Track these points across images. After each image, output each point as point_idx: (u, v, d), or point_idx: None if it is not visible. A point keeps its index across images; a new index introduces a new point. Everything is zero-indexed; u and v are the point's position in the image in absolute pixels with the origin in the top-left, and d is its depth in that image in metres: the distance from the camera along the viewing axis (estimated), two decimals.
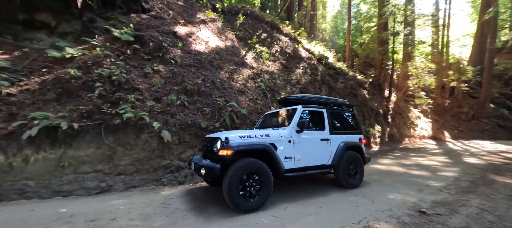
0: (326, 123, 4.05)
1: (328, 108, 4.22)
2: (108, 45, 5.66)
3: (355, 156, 4.19)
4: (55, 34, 6.04)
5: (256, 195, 3.00)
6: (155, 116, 4.81)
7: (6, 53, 4.95)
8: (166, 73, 5.73)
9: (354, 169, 4.20)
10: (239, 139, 3.13)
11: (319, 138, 3.89)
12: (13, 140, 3.70)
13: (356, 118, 4.66)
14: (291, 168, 3.45)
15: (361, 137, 4.51)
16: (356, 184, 4.14)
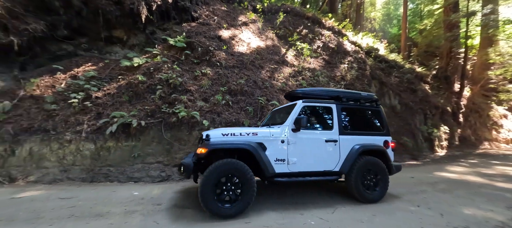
0: (335, 120, 3.37)
1: (340, 104, 3.51)
2: (166, 52, 6.46)
3: (375, 162, 3.36)
4: (126, 46, 7.26)
5: (236, 200, 2.67)
6: (204, 115, 5.25)
7: (94, 65, 6.21)
8: (212, 75, 6.18)
9: (372, 178, 3.36)
10: (221, 136, 2.91)
11: (323, 139, 3.25)
12: (100, 134, 4.64)
13: (382, 116, 3.77)
14: (283, 172, 3.00)
15: (388, 139, 3.64)
16: (374, 199, 3.28)
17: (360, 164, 3.25)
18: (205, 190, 2.53)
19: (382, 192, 3.36)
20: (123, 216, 2.65)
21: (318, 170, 3.19)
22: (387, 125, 3.76)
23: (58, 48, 6.24)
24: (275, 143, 3.03)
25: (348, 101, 3.67)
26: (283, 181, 2.98)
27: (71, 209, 2.79)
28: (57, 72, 5.58)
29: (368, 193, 3.27)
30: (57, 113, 4.74)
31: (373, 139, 3.53)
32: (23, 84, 5.13)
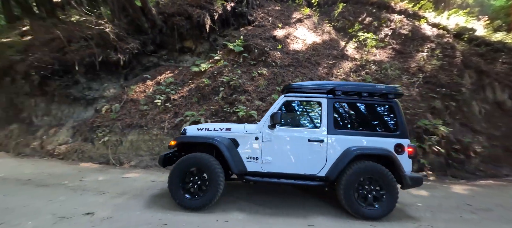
0: (324, 117, 2.88)
1: (333, 98, 2.95)
2: (226, 57, 7.05)
3: (378, 170, 2.65)
4: (195, 54, 8.33)
5: (200, 193, 2.66)
6: (261, 113, 5.44)
7: (171, 72, 7.41)
8: (268, 75, 6.33)
9: (372, 190, 2.69)
10: (196, 131, 2.97)
11: (306, 138, 2.83)
12: (177, 129, 5.51)
13: (397, 113, 2.90)
14: (256, 171, 2.80)
15: (404, 142, 2.79)
16: (372, 215, 2.63)
17: (355, 170, 2.64)
18: (171, 180, 2.68)
19: (385, 208, 2.64)
20: None
21: (298, 173, 2.82)
22: (403, 125, 2.88)
23: (147, 61, 7.78)
24: (248, 139, 2.90)
25: (350, 95, 2.99)
26: (254, 180, 2.80)
27: (161, 190, 3.45)
28: (146, 80, 6.98)
29: (363, 207, 2.64)
30: (148, 112, 5.93)
31: (380, 141, 2.80)
32: (126, 91, 6.67)
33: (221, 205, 2.87)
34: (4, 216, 2.33)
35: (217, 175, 2.66)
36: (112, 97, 6.72)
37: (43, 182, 3.63)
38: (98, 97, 6.89)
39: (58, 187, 3.40)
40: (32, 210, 2.52)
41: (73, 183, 3.63)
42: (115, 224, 2.28)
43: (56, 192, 3.14)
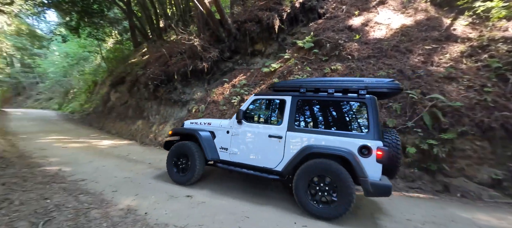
0: (286, 115, 3.01)
1: (297, 96, 3.00)
2: (296, 55, 6.96)
3: (332, 170, 2.54)
4: (264, 56, 8.71)
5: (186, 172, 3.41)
6: None
7: (244, 75, 8.05)
8: (343, 70, 5.77)
9: (325, 189, 2.60)
10: (189, 124, 3.79)
11: (267, 134, 3.04)
12: None
13: (369, 114, 2.58)
14: (225, 159, 3.35)
15: (373, 144, 2.47)
16: (323, 214, 2.56)
17: (306, 168, 2.69)
18: (167, 160, 3.62)
19: (336, 209, 2.55)
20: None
21: (258, 165, 3.07)
22: (376, 125, 2.58)
23: (224, 66, 8.80)
24: (222, 132, 3.41)
25: (313, 92, 2.94)
26: (223, 167, 3.30)
27: (243, 183, 3.83)
28: (224, 83, 7.89)
29: (313, 205, 2.65)
30: (226, 112, 6.70)
31: (343, 141, 2.65)
32: (209, 94, 7.79)
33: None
34: (137, 190, 3.21)
35: (195, 159, 3.35)
36: (199, 99, 8.03)
37: (159, 166, 4.79)
38: (189, 99, 8.41)
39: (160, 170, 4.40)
40: (153, 187, 3.37)
41: None
42: (208, 209, 2.69)
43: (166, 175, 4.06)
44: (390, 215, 2.83)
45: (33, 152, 4.88)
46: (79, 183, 3.16)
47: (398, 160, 2.68)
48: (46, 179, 3.11)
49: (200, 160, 3.36)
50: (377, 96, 2.81)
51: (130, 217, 2.24)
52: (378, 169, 2.50)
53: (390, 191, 2.44)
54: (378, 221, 2.67)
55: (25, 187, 2.61)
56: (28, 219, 1.89)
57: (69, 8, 14.21)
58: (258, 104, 3.48)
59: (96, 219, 2.12)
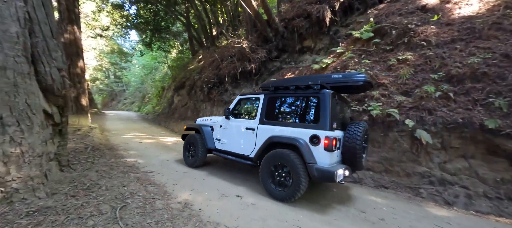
0: (259, 110, 3.54)
1: (268, 93, 3.53)
2: (351, 47, 6.21)
3: (286, 157, 2.90)
4: (314, 52, 8.19)
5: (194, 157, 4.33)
6: (406, 112, 4.17)
7: (292, 73, 7.76)
8: (415, 60, 4.76)
9: (282, 175, 2.99)
10: (199, 121, 4.76)
11: (245, 126, 3.65)
12: None
13: (321, 105, 2.87)
14: (218, 148, 4.08)
15: (321, 134, 2.76)
16: (280, 197, 2.96)
17: (268, 156, 3.11)
18: (183, 149, 4.62)
19: (289, 192, 2.88)
20: None
21: (239, 153, 3.68)
22: (326, 116, 2.80)
23: (272, 66, 8.74)
24: (217, 126, 4.17)
25: (279, 89, 3.43)
26: (217, 154, 4.05)
27: None
28: None
29: (272, 188, 3.06)
30: None
31: (299, 131, 2.97)
32: None
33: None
34: (193, 184, 3.45)
35: (199, 148, 4.23)
36: None
37: (210, 161, 5.11)
38: None
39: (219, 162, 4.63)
40: (207, 183, 3.55)
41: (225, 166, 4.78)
42: (258, 212, 2.62)
43: (217, 172, 4.25)
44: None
45: (119, 146, 6.03)
46: (149, 174, 3.65)
47: (356, 151, 2.87)
48: (126, 169, 3.73)
49: (202, 148, 4.22)
50: (344, 90, 3.31)
51: (186, 212, 2.39)
52: (326, 156, 2.72)
53: (332, 177, 2.59)
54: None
55: (111, 175, 3.19)
56: (109, 203, 2.26)
57: (144, 27, 17.24)
58: (242, 103, 4.08)
59: (159, 210, 2.35)
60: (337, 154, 2.96)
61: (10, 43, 2.13)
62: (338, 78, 3.14)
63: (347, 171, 2.87)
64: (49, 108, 2.44)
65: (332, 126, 2.81)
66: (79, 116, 10.35)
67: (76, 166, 3.22)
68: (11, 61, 2.10)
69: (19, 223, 1.67)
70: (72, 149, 4.38)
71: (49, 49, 2.47)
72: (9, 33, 2.13)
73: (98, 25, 20.86)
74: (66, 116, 2.82)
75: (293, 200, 2.88)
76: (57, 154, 2.68)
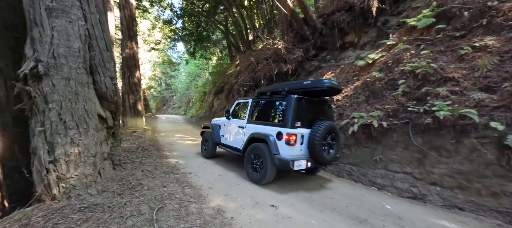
0: (248, 112, 4.36)
1: (254, 98, 4.36)
2: (405, 38, 5.30)
3: (260, 149, 3.68)
4: (357, 48, 7.36)
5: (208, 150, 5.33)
6: (489, 113, 3.23)
7: (332, 72, 7.13)
8: (500, 46, 3.68)
9: (257, 162, 3.76)
10: (212, 121, 5.72)
11: (238, 125, 4.50)
12: (342, 133, 5.05)
13: (287, 107, 3.53)
14: (223, 142, 5.00)
15: (282, 130, 3.45)
16: (255, 180, 3.72)
17: (250, 148, 3.90)
18: (201, 144, 5.79)
19: (260, 176, 3.61)
20: None
21: (235, 146, 4.48)
22: (289, 117, 3.46)
23: (309, 66, 8.26)
24: (222, 125, 5.12)
25: (265, 95, 4.17)
26: (221, 147, 5.05)
27: (331, 200, 3.21)
28: None
29: (251, 172, 3.81)
30: None
31: (270, 129, 3.67)
32: None
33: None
34: (227, 189, 3.40)
35: (210, 142, 5.25)
36: None
37: None
38: None
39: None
40: (241, 189, 3.46)
41: None
42: (294, 227, 2.35)
43: None
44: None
45: (165, 146, 6.59)
46: (187, 176, 3.79)
47: (314, 146, 3.36)
48: (168, 169, 3.97)
49: (212, 142, 5.17)
50: (315, 95, 3.87)
51: (218, 219, 2.32)
52: (287, 149, 3.34)
53: (289, 166, 3.18)
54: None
55: (154, 175, 3.43)
56: (149, 204, 2.37)
57: (189, 38, 18.88)
58: (239, 106, 4.84)
59: (193, 214, 2.35)
60: (301, 148, 3.53)
61: (73, 57, 2.47)
62: (308, 84, 3.64)
63: (309, 162, 3.41)
64: (104, 113, 2.76)
65: (294, 125, 3.43)
66: (136, 119, 11.86)
67: (126, 165, 3.59)
68: (74, 73, 2.44)
69: (72, 218, 1.88)
70: (127, 149, 4.96)
71: (103, 60, 2.81)
72: (73, 49, 2.48)
73: (152, 40, 23.90)
74: (118, 120, 3.16)
75: (262, 183, 3.59)
76: (111, 154, 3.01)
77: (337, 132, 3.73)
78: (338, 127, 3.79)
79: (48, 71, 2.29)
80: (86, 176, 2.32)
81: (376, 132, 4.33)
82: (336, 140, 3.72)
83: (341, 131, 5.11)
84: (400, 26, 5.98)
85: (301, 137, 3.48)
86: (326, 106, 4.08)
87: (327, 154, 3.55)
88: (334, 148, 3.68)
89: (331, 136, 3.67)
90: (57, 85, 2.29)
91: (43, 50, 2.31)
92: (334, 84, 3.61)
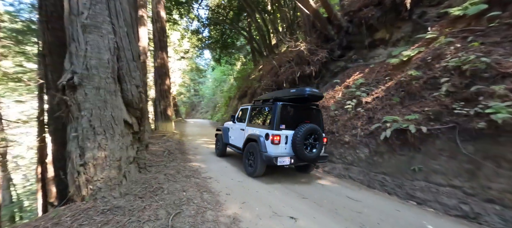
0: (247, 116, 5.16)
1: (252, 105, 5.18)
2: (448, 30, 4.64)
3: (254, 147, 4.36)
4: (389, 45, 6.71)
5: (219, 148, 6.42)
6: None
7: (361, 73, 6.61)
8: None
9: (251, 159, 4.45)
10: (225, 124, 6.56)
11: (240, 128, 5.31)
12: (372, 138, 4.59)
13: (274, 113, 4.21)
14: (230, 143, 5.81)
15: (269, 132, 4.12)
16: (249, 173, 4.44)
17: (247, 147, 4.62)
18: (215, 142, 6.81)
19: (254, 171, 4.29)
20: None
21: (238, 146, 5.22)
22: (274, 120, 4.12)
23: (335, 67, 7.81)
24: (230, 128, 5.93)
25: (259, 102, 5.04)
26: (229, 147, 5.88)
27: (359, 215, 2.87)
28: (335, 85, 6.92)
29: (247, 167, 4.55)
30: (338, 118, 5.74)
31: (262, 131, 4.35)
32: None
33: None
34: (245, 196, 3.31)
35: (220, 142, 6.20)
36: None
37: (268, 174, 4.91)
38: None
39: (276, 182, 4.34)
40: (259, 197, 3.34)
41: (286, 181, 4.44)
42: None
43: (272, 186, 3.98)
44: None
45: (190, 150, 6.84)
46: (207, 181, 3.82)
47: (295, 145, 3.97)
48: (190, 173, 4.07)
49: (222, 143, 6.05)
50: (300, 101, 4.49)
51: None
52: (272, 147, 4.05)
53: (273, 161, 3.86)
54: None
55: (176, 178, 3.53)
56: (166, 209, 2.42)
57: (215, 46, 19.69)
58: (242, 111, 5.61)
59: (208, 222, 2.31)
60: (286, 147, 4.13)
61: (103, 68, 2.70)
62: (293, 93, 4.28)
63: (292, 159, 3.98)
64: (130, 119, 2.95)
65: (279, 127, 4.09)
66: (166, 123, 12.63)
67: (151, 168, 3.78)
68: (103, 82, 2.65)
69: (94, 219, 2.00)
70: (154, 152, 5.26)
71: (130, 70, 3.01)
72: (103, 61, 2.71)
73: (181, 50, 25.56)
74: (144, 125, 3.35)
75: (254, 175, 4.30)
76: (136, 158, 3.19)
77: (319, 133, 4.18)
78: (320, 129, 4.23)
79: (82, 81, 2.52)
80: (111, 179, 2.48)
81: (413, 137, 3.81)
82: (319, 140, 4.19)
83: (371, 137, 4.65)
84: (441, 18, 5.28)
85: (286, 137, 4.10)
86: (314, 111, 4.66)
87: (309, 152, 4.06)
88: (317, 147, 4.17)
89: (313, 136, 4.16)
90: (88, 94, 2.51)
91: (78, 63, 2.57)
92: (314, 92, 4.23)
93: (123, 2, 3.12)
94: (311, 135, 4.10)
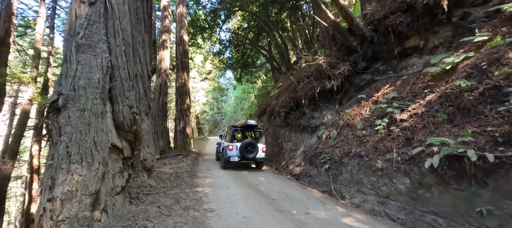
0: (224, 135, 9.30)
1: (233, 128, 8.26)
2: (503, 31, 3.69)
3: (222, 152, 7.89)
4: (425, 53, 5.79)
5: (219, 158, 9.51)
6: None
7: (391, 86, 5.72)
8: None
9: (221, 158, 7.62)
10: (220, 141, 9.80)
11: (222, 142, 8.65)
12: (414, 165, 3.64)
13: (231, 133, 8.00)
14: (219, 152, 8.81)
15: (229, 144, 7.55)
16: (221, 166, 7.88)
17: (220, 152, 8.44)
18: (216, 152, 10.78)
19: (222, 164, 7.74)
20: None
21: (219, 153, 8.67)
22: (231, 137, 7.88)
23: (360, 80, 6.99)
24: (221, 144, 8.84)
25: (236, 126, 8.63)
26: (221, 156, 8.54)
27: None
28: (361, 101, 6.08)
29: (220, 162, 8.28)
30: (367, 139, 4.86)
31: (226, 143, 7.78)
32: (341, 116, 6.35)
33: None
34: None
35: (218, 153, 9.61)
36: (330, 123, 6.81)
37: (281, 203, 4.21)
38: (319, 124, 7.46)
39: (288, 215, 3.62)
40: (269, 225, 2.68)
41: (299, 215, 3.67)
42: None
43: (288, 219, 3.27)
44: None
45: (201, 171, 6.46)
46: (207, 215, 3.28)
47: (239, 150, 7.35)
48: (190, 204, 3.60)
49: (216, 153, 9.60)
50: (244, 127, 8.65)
51: None
52: (229, 151, 7.40)
53: (229, 160, 7.37)
54: None
55: (171, 211, 3.08)
56: None
57: (236, 65, 20.15)
58: (226, 131, 9.28)
59: None
60: (236, 152, 7.42)
61: (92, 88, 2.50)
62: (242, 123, 8.53)
63: (238, 158, 7.38)
64: (120, 143, 2.66)
65: (233, 140, 7.68)
66: (184, 142, 12.62)
67: (147, 197, 3.40)
68: (90, 104, 2.44)
69: None
70: (160, 175, 4.97)
71: (123, 89, 2.80)
72: (93, 80, 2.53)
73: (204, 71, 26.79)
74: (138, 150, 3.05)
75: (222, 167, 7.59)
76: (128, 187, 2.85)
77: (255, 144, 7.49)
78: (255, 143, 7.58)
79: (67, 103, 2.33)
80: (79, 219, 2.12)
81: (474, 167, 2.84)
82: (255, 148, 7.47)
83: (411, 163, 3.70)
84: (491, 17, 4.34)
85: (236, 147, 7.43)
86: (257, 132, 8.78)
87: (249, 154, 7.36)
88: (254, 152, 7.44)
89: (251, 146, 7.43)
90: (72, 116, 2.30)
91: (67, 84, 2.41)
92: (250, 123, 8.25)
93: (122, 22, 3.02)
94: (248, 146, 7.38)
